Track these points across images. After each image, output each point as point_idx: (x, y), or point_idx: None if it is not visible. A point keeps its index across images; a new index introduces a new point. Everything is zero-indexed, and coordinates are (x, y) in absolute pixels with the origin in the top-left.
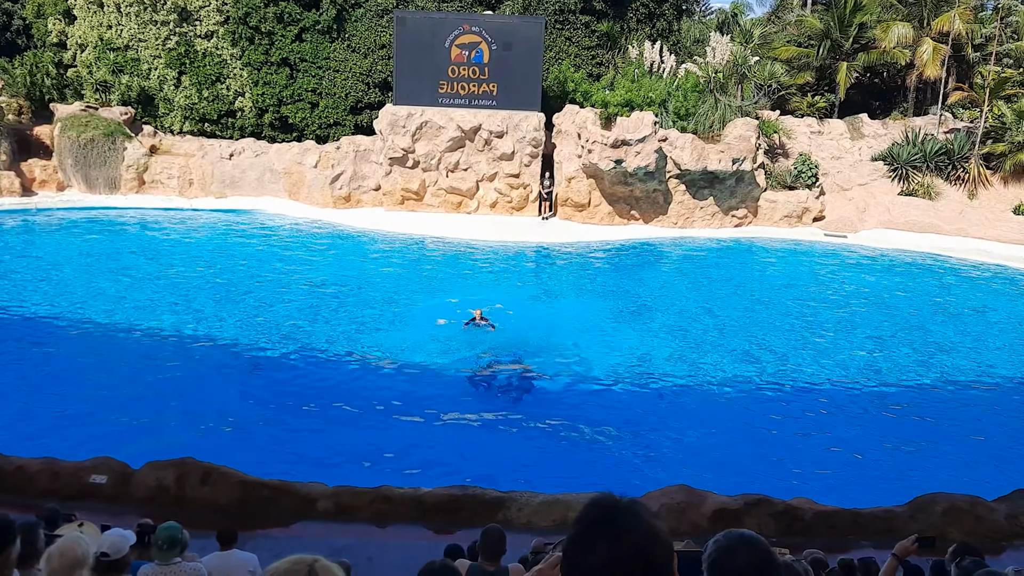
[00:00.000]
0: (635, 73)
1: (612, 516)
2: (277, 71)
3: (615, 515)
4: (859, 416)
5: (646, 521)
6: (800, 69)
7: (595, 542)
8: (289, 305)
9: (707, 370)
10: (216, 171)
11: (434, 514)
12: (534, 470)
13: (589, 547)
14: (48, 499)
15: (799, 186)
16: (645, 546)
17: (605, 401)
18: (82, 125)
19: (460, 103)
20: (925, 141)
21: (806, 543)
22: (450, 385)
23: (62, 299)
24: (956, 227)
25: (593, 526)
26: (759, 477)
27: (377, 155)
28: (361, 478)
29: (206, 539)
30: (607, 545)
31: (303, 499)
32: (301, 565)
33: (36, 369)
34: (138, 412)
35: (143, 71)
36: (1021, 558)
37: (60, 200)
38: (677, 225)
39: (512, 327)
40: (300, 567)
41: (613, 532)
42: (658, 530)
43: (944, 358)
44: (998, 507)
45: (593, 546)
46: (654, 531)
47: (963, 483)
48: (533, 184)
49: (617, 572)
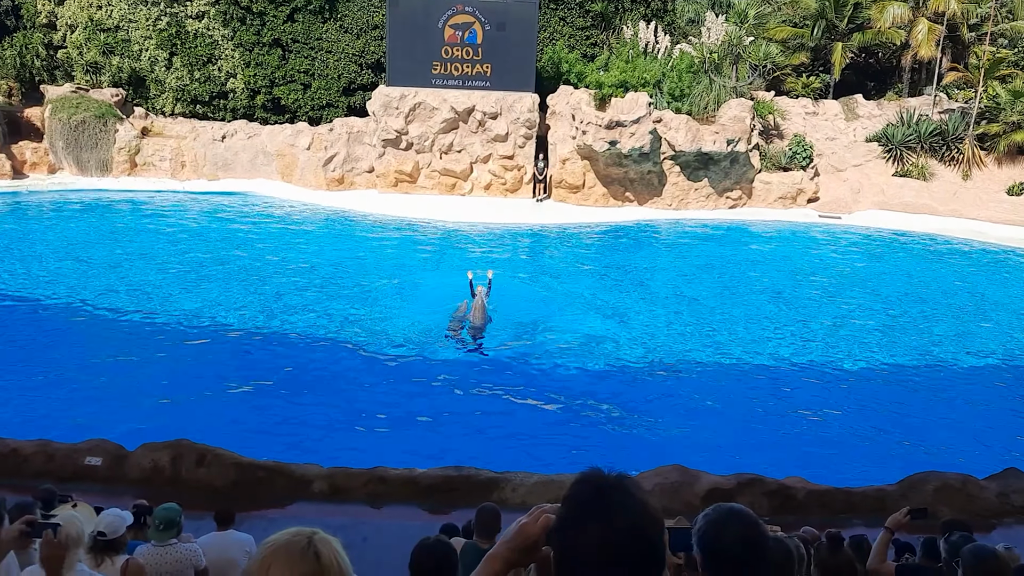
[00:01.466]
0: (629, 54)
1: (602, 493)
2: (269, 52)
3: (605, 492)
4: (851, 396)
5: (636, 497)
6: (795, 49)
7: (586, 521)
8: (282, 287)
9: (700, 351)
10: (208, 153)
11: (428, 495)
12: (528, 450)
13: (580, 527)
14: (43, 481)
15: (793, 167)
16: (636, 523)
17: (598, 382)
18: (73, 107)
19: (454, 84)
20: (920, 122)
21: (799, 522)
22: (443, 366)
23: (54, 282)
24: (950, 208)
25: (583, 505)
26: (752, 457)
27: (370, 137)
28: (355, 459)
29: (201, 520)
30: (598, 524)
31: (298, 480)
32: (300, 537)
33: (29, 352)
34: (132, 394)
35: (134, 52)
36: (1011, 536)
37: (51, 183)
38: (672, 207)
39: (506, 308)
40: (300, 538)
41: (604, 510)
42: (648, 505)
43: (937, 338)
44: (989, 485)
45: (584, 526)
46: (644, 506)
47: (955, 462)
48: (527, 166)
49: (609, 551)
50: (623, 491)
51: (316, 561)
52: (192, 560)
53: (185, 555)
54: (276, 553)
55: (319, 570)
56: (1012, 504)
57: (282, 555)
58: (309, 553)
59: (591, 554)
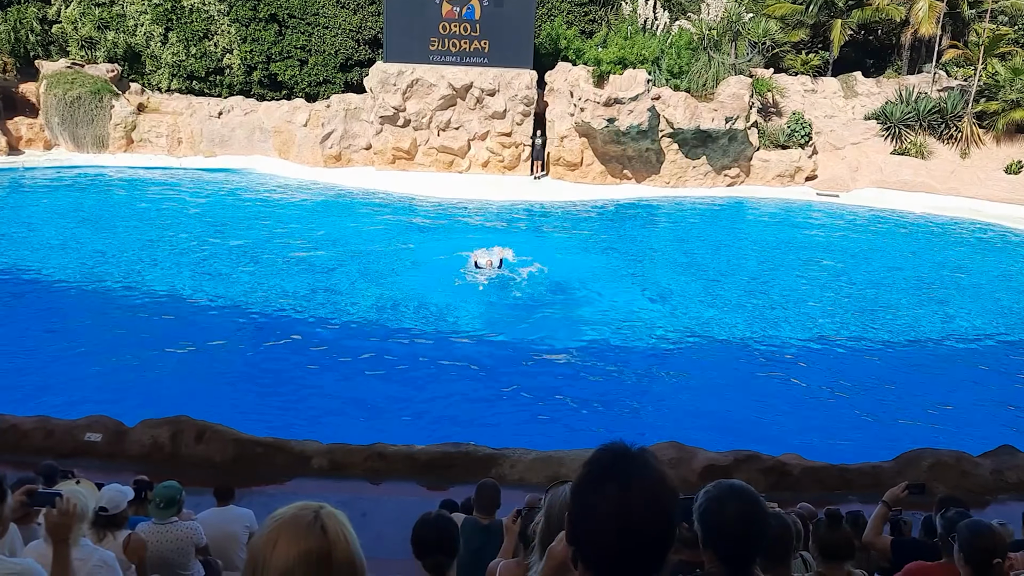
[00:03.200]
0: (628, 30)
1: (623, 459)
2: (265, 27)
3: (626, 458)
4: (847, 373)
5: (655, 467)
6: (794, 26)
7: (605, 484)
8: (280, 264)
9: (697, 328)
10: (205, 129)
11: (427, 471)
12: (526, 427)
13: (599, 488)
14: (42, 457)
15: (792, 145)
16: (654, 490)
17: (596, 359)
18: (68, 82)
19: (451, 60)
20: (918, 100)
21: (795, 498)
22: (441, 343)
23: (52, 258)
24: (948, 186)
25: (604, 468)
26: (749, 433)
27: (368, 114)
28: (355, 435)
29: (200, 496)
30: (617, 486)
31: (297, 456)
32: (307, 511)
33: (29, 328)
34: (129, 370)
35: (129, 27)
36: (1005, 512)
37: (47, 159)
38: (670, 184)
39: (502, 287)
40: (306, 512)
41: (623, 473)
42: (666, 476)
43: (932, 316)
44: (983, 462)
45: (603, 488)
46: (663, 477)
47: (949, 439)
48: (525, 143)
49: (625, 514)
50: (643, 460)
51: (323, 535)
52: (193, 538)
53: (186, 533)
54: (282, 527)
55: (326, 544)
56: (1006, 480)
57: (289, 529)
58: (316, 527)
59: (608, 516)
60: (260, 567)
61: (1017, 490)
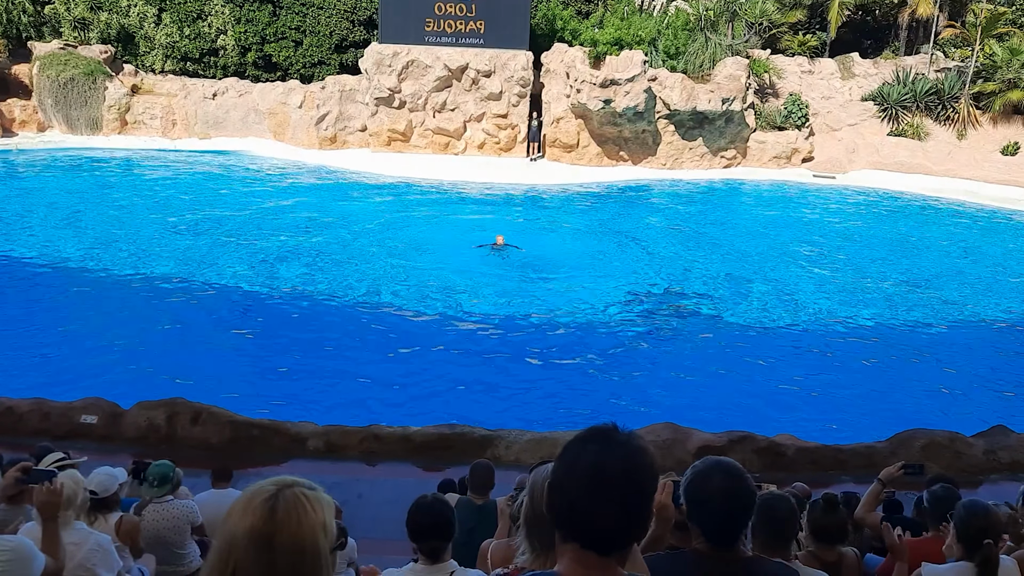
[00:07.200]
0: (625, 11)
1: (610, 430)
2: (259, 8)
3: (613, 430)
4: (841, 354)
5: (640, 443)
6: (791, 7)
7: (587, 444)
8: (275, 247)
9: (692, 309)
10: (199, 111)
11: (423, 452)
12: (521, 408)
13: (581, 448)
14: (39, 439)
15: (788, 127)
16: (633, 455)
17: (591, 340)
18: (61, 64)
19: (447, 41)
20: (915, 81)
21: (789, 478)
22: (436, 325)
23: (48, 241)
24: (944, 168)
25: (592, 435)
26: (743, 414)
27: (363, 95)
28: (351, 417)
29: (197, 478)
30: (596, 447)
31: (293, 438)
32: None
33: (24, 310)
34: (125, 352)
35: (122, 8)
36: (998, 492)
37: (41, 141)
38: (666, 166)
39: (499, 268)
40: (266, 490)
41: (607, 439)
42: (648, 451)
43: (927, 298)
44: (976, 443)
45: (584, 447)
46: (644, 449)
47: (943, 419)
48: (521, 124)
49: (600, 465)
50: (629, 434)
51: (270, 515)
52: (188, 516)
53: (181, 511)
54: (240, 499)
55: (271, 526)
56: (999, 461)
57: (242, 502)
58: (266, 506)
59: (585, 467)
60: (218, 533)
61: (1010, 470)
